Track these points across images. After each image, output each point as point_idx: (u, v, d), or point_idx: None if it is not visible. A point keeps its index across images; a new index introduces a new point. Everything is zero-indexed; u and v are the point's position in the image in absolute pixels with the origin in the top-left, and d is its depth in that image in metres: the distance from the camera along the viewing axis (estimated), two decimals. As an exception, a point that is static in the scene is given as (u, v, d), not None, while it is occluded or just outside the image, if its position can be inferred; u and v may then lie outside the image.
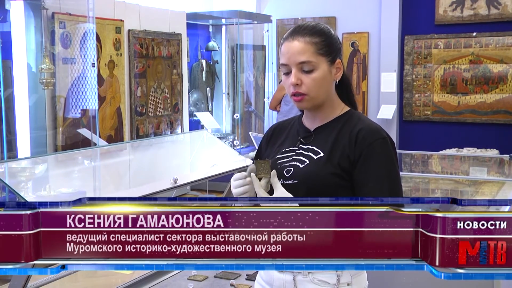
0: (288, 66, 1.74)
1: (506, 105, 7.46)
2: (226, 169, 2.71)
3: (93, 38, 5.30)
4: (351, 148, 1.71)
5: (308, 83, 1.73)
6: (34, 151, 5.08)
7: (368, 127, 1.74)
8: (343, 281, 1.73)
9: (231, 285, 2.79)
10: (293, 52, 1.72)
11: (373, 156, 1.69)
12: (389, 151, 1.71)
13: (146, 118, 6.59)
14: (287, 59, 1.73)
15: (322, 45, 1.73)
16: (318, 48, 1.72)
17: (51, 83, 5.00)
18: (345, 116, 1.80)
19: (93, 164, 3.34)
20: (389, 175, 1.69)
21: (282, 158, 1.81)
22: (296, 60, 1.72)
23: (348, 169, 1.70)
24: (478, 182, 4.47)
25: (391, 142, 1.74)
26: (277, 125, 1.96)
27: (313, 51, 1.72)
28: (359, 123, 1.75)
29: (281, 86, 6.87)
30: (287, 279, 1.75)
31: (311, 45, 1.72)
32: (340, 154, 1.71)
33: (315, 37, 1.73)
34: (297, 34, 1.74)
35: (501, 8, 7.44)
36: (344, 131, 1.75)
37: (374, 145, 1.70)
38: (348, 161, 1.70)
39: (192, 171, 2.99)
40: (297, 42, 1.72)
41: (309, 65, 1.72)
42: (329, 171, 1.70)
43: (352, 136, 1.72)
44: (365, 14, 8.16)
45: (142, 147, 3.49)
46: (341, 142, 1.73)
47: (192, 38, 7.88)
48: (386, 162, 1.70)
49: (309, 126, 1.83)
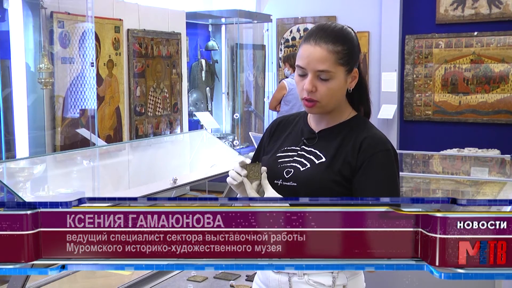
0: (305, 70, 1.70)
1: (507, 105, 7.45)
2: (226, 169, 2.70)
3: (92, 37, 5.29)
4: (354, 156, 1.69)
5: (323, 92, 1.69)
6: (33, 151, 5.07)
7: (374, 136, 1.72)
8: (339, 283, 1.71)
9: (231, 286, 2.79)
10: (313, 58, 1.67)
11: (374, 167, 1.67)
12: (391, 163, 1.69)
13: (145, 118, 6.59)
14: (306, 64, 1.68)
15: (343, 55, 1.68)
16: (339, 57, 1.68)
17: (50, 83, 5.00)
18: (351, 122, 1.78)
19: (92, 164, 3.33)
20: (388, 187, 1.67)
21: (283, 157, 1.79)
22: (315, 67, 1.67)
23: (348, 176, 1.69)
24: (479, 183, 4.46)
25: (395, 154, 1.72)
26: (282, 119, 1.93)
27: (334, 60, 1.67)
28: (364, 131, 1.73)
29: (281, 86, 6.86)
30: (282, 280, 1.74)
31: (332, 54, 1.67)
32: (342, 161, 1.70)
33: (338, 45, 1.68)
34: (320, 39, 1.67)
35: (503, 7, 7.43)
36: (349, 137, 1.73)
37: (377, 155, 1.68)
38: (349, 168, 1.69)
39: (192, 171, 2.98)
40: (319, 49, 1.67)
41: (327, 74, 1.68)
42: (329, 177, 1.69)
43: (356, 143, 1.70)
44: (365, 14, 8.16)
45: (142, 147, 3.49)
46: (345, 149, 1.71)
47: (192, 38, 7.87)
48: (386, 174, 1.68)
49: (314, 128, 1.81)
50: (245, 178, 1.71)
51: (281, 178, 1.74)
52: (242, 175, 1.71)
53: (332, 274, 1.71)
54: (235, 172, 1.73)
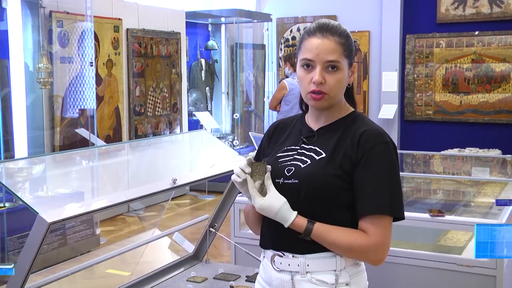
0: (313, 62, 1.71)
1: (508, 104, 7.43)
2: (226, 170, 2.67)
3: (91, 37, 5.27)
4: (353, 150, 1.70)
5: (332, 83, 1.71)
6: (32, 151, 5.05)
7: (372, 129, 1.73)
8: (342, 281, 1.71)
9: (231, 287, 2.76)
10: (323, 49, 1.70)
11: (374, 159, 1.68)
12: (391, 155, 1.71)
13: (144, 118, 6.56)
14: (315, 56, 1.70)
15: (347, 47, 1.73)
16: (344, 49, 1.72)
17: (49, 83, 4.98)
18: (349, 118, 1.80)
19: (91, 164, 3.30)
20: (389, 178, 1.68)
21: (284, 156, 1.79)
22: (325, 58, 1.70)
23: (349, 170, 1.69)
24: (480, 183, 4.44)
25: (394, 147, 1.74)
26: (279, 123, 1.95)
27: (341, 52, 1.71)
28: (362, 125, 1.75)
29: (281, 86, 6.83)
30: (285, 278, 1.74)
31: (340, 46, 1.71)
32: (342, 156, 1.71)
33: (342, 37, 1.73)
34: (326, 32, 1.72)
35: (504, 7, 7.40)
36: (347, 132, 1.75)
37: (376, 148, 1.69)
38: (350, 163, 1.70)
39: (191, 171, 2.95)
40: (328, 41, 1.71)
41: (336, 65, 1.71)
42: (330, 172, 1.69)
43: (355, 138, 1.71)
44: (366, 13, 8.14)
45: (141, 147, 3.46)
46: (344, 144, 1.73)
47: (191, 37, 7.85)
48: (387, 166, 1.69)
49: (313, 126, 1.82)
50: (248, 176, 1.71)
51: (282, 177, 1.74)
52: (246, 172, 1.72)
53: (335, 272, 1.71)
54: (240, 168, 1.73)
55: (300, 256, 1.71)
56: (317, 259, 1.70)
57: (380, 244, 1.65)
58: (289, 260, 1.73)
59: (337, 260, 1.70)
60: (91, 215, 4.30)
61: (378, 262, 1.69)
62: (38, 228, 1.83)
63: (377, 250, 1.66)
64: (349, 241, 1.65)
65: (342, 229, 1.67)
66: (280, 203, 1.68)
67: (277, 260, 1.75)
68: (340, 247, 1.67)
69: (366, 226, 1.66)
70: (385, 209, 1.65)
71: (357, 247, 1.65)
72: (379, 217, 1.65)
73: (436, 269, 2.93)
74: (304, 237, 1.68)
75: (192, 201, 6.94)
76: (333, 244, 1.67)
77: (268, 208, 1.69)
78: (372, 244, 1.65)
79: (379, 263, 1.70)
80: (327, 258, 1.70)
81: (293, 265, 1.72)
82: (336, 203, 1.69)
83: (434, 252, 3.06)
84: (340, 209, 1.69)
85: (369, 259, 1.69)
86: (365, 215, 1.66)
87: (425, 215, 3.06)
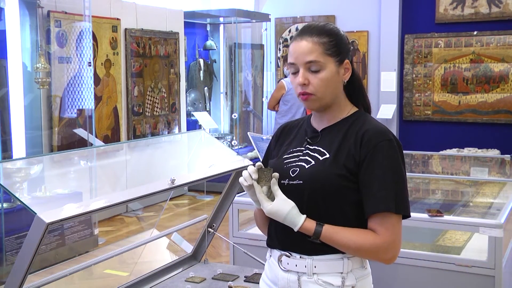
0: (296, 65, 1.75)
1: (507, 104, 7.43)
2: (224, 170, 2.67)
3: (89, 37, 5.26)
4: (357, 149, 1.71)
5: (315, 83, 1.73)
6: (30, 151, 5.04)
7: (375, 128, 1.74)
8: (348, 283, 1.71)
9: (229, 287, 2.75)
10: (300, 51, 1.73)
11: (378, 158, 1.68)
12: (395, 153, 1.71)
13: (143, 118, 6.55)
14: (295, 59, 1.74)
15: (330, 46, 1.74)
16: (326, 48, 1.73)
17: (47, 83, 4.96)
18: (352, 117, 1.80)
19: (89, 164, 3.30)
20: (394, 176, 1.68)
21: (289, 158, 1.81)
22: (303, 59, 1.73)
23: (353, 170, 1.70)
24: (479, 183, 4.44)
25: (398, 144, 1.74)
26: (286, 125, 1.97)
27: (321, 51, 1.73)
28: (365, 125, 1.75)
29: (280, 86, 6.83)
30: (291, 279, 1.75)
31: (319, 45, 1.73)
32: (346, 155, 1.71)
33: (323, 37, 1.74)
34: (305, 33, 1.75)
35: (502, 7, 7.41)
36: (351, 132, 1.75)
37: (380, 146, 1.69)
38: (354, 162, 1.70)
39: (190, 171, 2.94)
40: (305, 42, 1.74)
41: (317, 65, 1.73)
42: (334, 172, 1.70)
43: (358, 137, 1.72)
44: (364, 13, 8.13)
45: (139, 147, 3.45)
46: (347, 143, 1.73)
47: (190, 37, 7.84)
48: (391, 164, 1.69)
49: (317, 127, 1.84)
50: (255, 181, 1.73)
51: (287, 178, 1.76)
52: (253, 178, 1.73)
53: (342, 274, 1.71)
54: (248, 173, 1.74)
55: (307, 257, 1.72)
56: (324, 260, 1.71)
57: (390, 242, 1.65)
58: (297, 260, 1.73)
59: (344, 263, 1.70)
60: (89, 215, 4.30)
61: (390, 261, 1.70)
62: (36, 228, 1.82)
63: (387, 249, 1.66)
64: (358, 241, 1.66)
65: (351, 229, 1.68)
66: (288, 207, 1.69)
67: (284, 260, 1.75)
68: (350, 247, 1.67)
69: (375, 225, 1.66)
70: (390, 207, 1.65)
71: (368, 247, 1.66)
72: (387, 216, 1.65)
73: (434, 269, 2.93)
74: (314, 239, 1.68)
75: (191, 201, 6.94)
76: (343, 245, 1.67)
77: (276, 213, 1.69)
78: (382, 243, 1.65)
79: (391, 262, 1.70)
80: (334, 260, 1.71)
81: (300, 265, 1.72)
82: (341, 203, 1.69)
83: (433, 252, 3.06)
84: (346, 209, 1.70)
85: (380, 258, 1.69)
86: (372, 214, 1.66)
87: (424, 215, 3.05)
